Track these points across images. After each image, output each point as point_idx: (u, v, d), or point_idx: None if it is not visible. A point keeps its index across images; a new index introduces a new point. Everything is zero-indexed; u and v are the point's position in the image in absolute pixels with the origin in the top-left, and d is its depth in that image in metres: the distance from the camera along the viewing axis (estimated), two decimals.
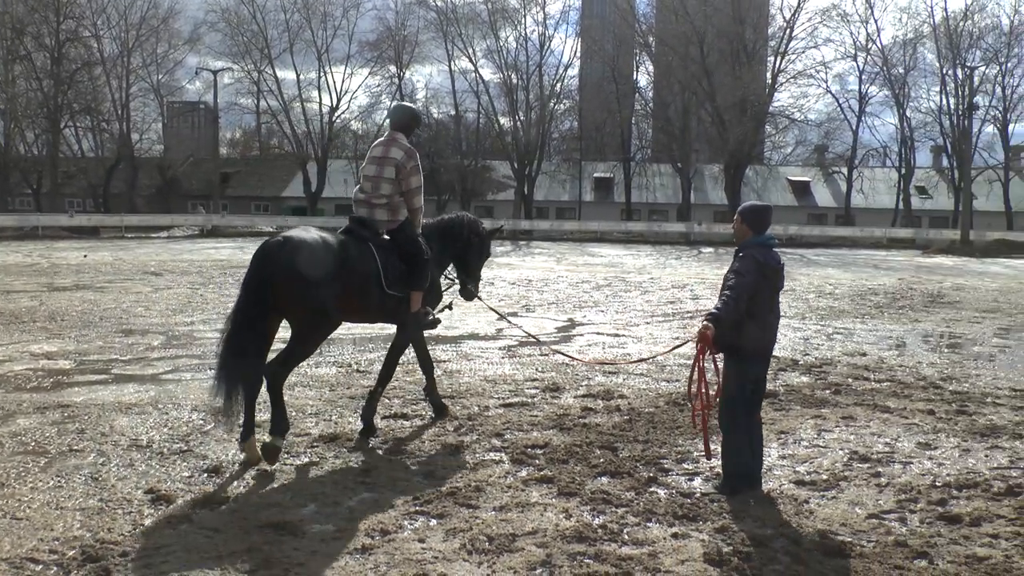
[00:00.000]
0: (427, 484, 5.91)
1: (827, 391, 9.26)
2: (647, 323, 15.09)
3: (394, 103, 8.57)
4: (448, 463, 6.41)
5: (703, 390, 5.72)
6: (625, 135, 71.36)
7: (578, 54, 73.47)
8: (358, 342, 12.07)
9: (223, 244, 40.85)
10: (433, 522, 5.20)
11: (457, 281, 8.32)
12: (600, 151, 76.33)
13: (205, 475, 6.03)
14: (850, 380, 9.92)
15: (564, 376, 9.79)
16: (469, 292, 8.29)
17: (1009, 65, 65.89)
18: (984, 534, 5.23)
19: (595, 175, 75.21)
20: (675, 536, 5.05)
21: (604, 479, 6.08)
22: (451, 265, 8.22)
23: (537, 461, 6.46)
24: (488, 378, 9.67)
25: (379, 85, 71.44)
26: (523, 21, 69.32)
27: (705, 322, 5.51)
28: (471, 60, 70.03)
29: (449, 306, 8.19)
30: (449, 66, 70.68)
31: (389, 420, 7.65)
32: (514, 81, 68.99)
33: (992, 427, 7.82)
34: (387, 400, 8.32)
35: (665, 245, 51.88)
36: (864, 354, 11.88)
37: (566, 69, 71.42)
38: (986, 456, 6.91)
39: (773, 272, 5.71)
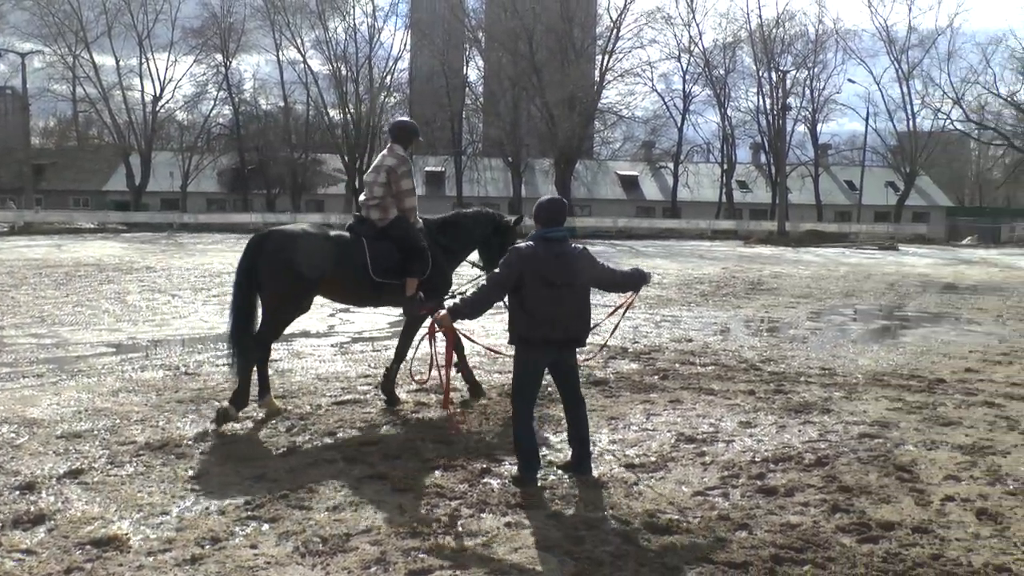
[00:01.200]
0: (259, 487, 5.72)
1: (655, 376, 9.59)
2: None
3: (394, 118, 9.01)
4: (280, 465, 6.24)
5: (443, 368, 6.18)
6: (456, 129, 71.63)
7: (408, 47, 73.31)
8: (187, 343, 11.62)
9: (38, 242, 38.42)
10: (265, 526, 5.06)
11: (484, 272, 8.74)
12: (431, 145, 76.21)
13: (17, 493, 5.58)
14: (677, 365, 10.31)
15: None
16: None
17: (816, 70, 70.60)
18: (797, 503, 5.57)
19: (426, 169, 75.14)
20: (508, 525, 5.10)
21: (438, 473, 6.07)
22: (472, 257, 8.89)
23: (371, 458, 6.38)
24: (320, 376, 9.49)
25: (205, 74, 69.14)
26: (352, 12, 68.65)
27: (444, 310, 5.84)
28: (299, 51, 68.79)
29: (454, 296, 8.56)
30: (277, 56, 69.17)
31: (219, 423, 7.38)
32: (344, 73, 68.16)
33: (805, 404, 8.32)
34: (216, 403, 8.02)
35: None
36: (690, 340, 12.38)
37: (396, 62, 71.25)
38: (799, 431, 7.35)
39: (545, 263, 5.70)
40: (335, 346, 11.49)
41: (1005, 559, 4.74)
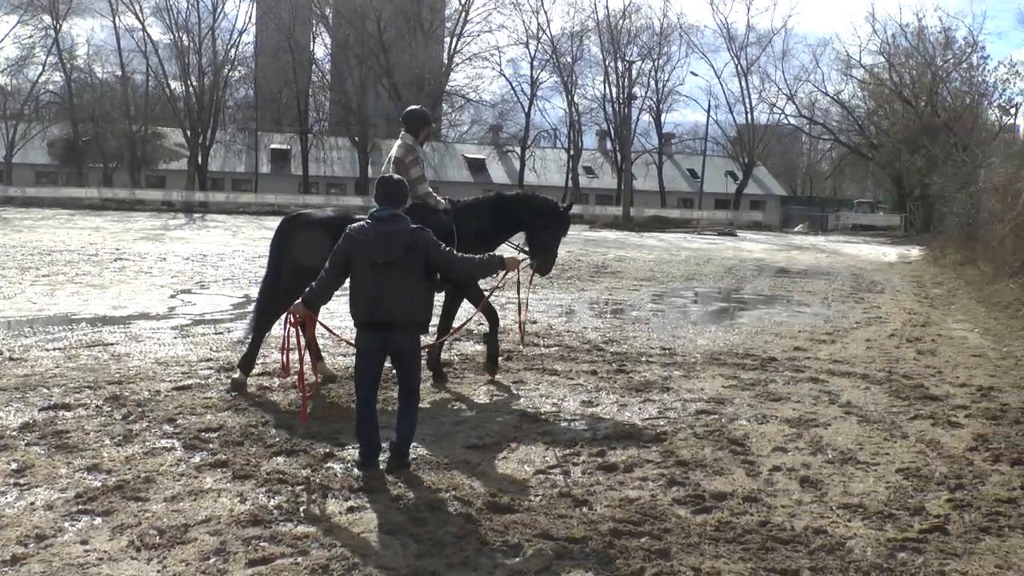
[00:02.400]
0: (91, 479, 5.44)
1: (500, 358, 9.66)
2: None
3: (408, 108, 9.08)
4: (115, 455, 5.94)
5: (292, 360, 6.15)
6: (302, 106, 70.04)
7: (253, 20, 71.01)
8: (12, 326, 10.92)
9: None
10: (98, 520, 4.81)
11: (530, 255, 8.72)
12: (277, 122, 74.36)
13: None
14: (521, 346, 10.45)
15: (240, 355, 9.42)
16: (539, 265, 8.72)
17: (660, 62, 72.78)
18: (636, 478, 5.77)
19: (272, 146, 73.28)
20: (351, 510, 5.06)
21: (280, 459, 5.94)
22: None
23: (211, 445, 6.19)
24: (160, 360, 9.12)
25: (31, 36, 64.74)
26: None
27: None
28: (138, 17, 65.50)
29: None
30: (113, 21, 65.51)
31: (48, 412, 6.96)
32: (185, 43, 65.36)
33: (645, 383, 8.60)
34: (45, 390, 7.61)
35: None
36: (535, 322, 12.55)
37: (240, 34, 68.82)
38: (639, 409, 7.61)
39: (370, 243, 5.62)
40: (176, 329, 11.07)
41: (823, 522, 5.10)
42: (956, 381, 9.24)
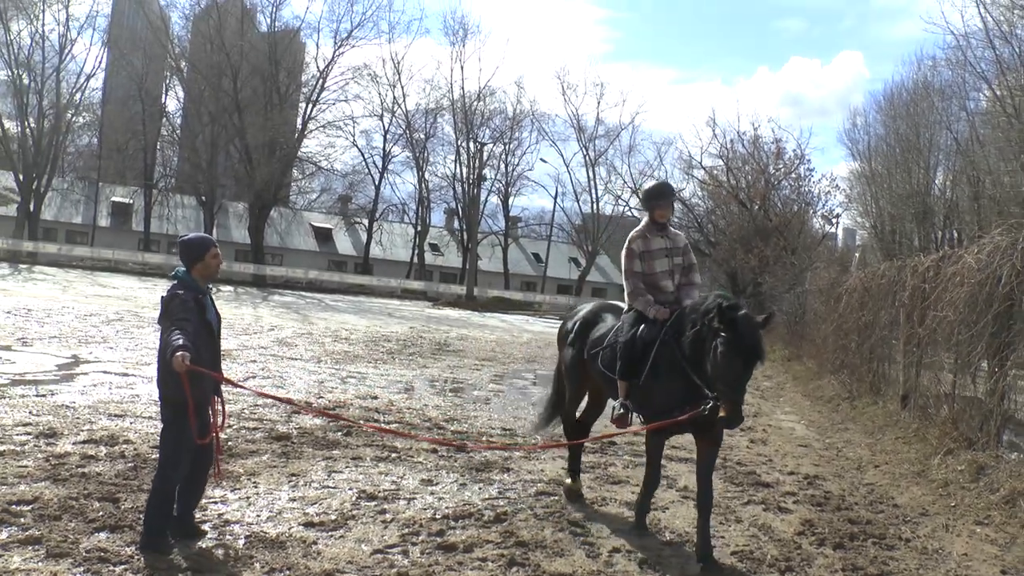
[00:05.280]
0: None
1: (339, 433, 9.46)
2: None
3: None
4: None
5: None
6: (149, 160, 67.62)
7: (104, 65, 68.29)
8: None
9: None
10: None
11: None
12: (121, 174, 71.31)
13: None
14: (361, 422, 10.25)
15: (63, 420, 8.83)
16: (718, 408, 5.74)
17: (512, 146, 74.67)
18: (475, 558, 5.72)
19: (113, 199, 70.32)
20: None
21: (102, 535, 5.53)
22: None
23: (23, 519, 5.67)
24: None
25: None
26: (41, 16, 62.40)
27: None
28: None
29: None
30: None
31: None
32: (26, 82, 61.95)
33: (486, 463, 8.56)
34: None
35: None
36: (375, 397, 12.37)
37: (88, 79, 65.82)
38: (480, 489, 7.57)
39: None
40: None
41: None
42: (785, 469, 9.66)
